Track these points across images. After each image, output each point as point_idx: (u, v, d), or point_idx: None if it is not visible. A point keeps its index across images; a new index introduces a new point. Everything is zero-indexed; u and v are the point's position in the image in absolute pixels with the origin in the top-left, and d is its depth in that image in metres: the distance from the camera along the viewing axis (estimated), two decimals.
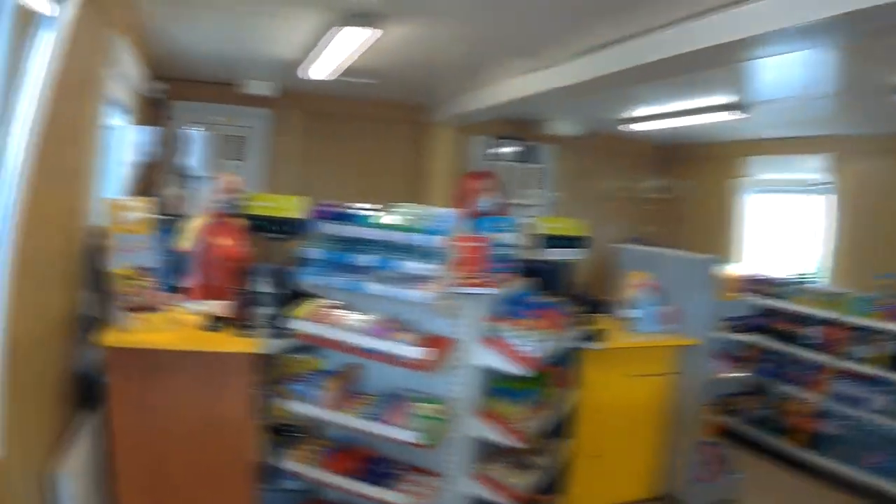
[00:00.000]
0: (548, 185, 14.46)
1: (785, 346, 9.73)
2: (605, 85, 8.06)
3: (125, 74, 7.37)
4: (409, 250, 5.18)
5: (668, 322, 7.53)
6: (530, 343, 5.20)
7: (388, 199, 5.71)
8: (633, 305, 7.64)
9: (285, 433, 5.86)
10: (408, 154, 13.48)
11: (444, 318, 5.25)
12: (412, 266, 5.07)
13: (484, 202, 7.24)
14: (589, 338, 6.62)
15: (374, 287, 5.21)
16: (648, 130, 12.55)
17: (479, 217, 6.38)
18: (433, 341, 5.10)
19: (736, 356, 8.32)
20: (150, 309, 5.78)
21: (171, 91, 11.25)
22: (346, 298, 5.54)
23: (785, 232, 12.38)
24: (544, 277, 6.39)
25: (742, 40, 5.67)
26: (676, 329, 7.54)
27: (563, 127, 13.46)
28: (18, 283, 3.99)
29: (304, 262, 5.61)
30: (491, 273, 5.31)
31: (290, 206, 5.92)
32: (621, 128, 12.71)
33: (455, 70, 9.86)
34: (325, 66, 9.00)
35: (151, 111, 10.61)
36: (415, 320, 5.32)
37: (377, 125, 13.22)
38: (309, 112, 12.71)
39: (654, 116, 11.54)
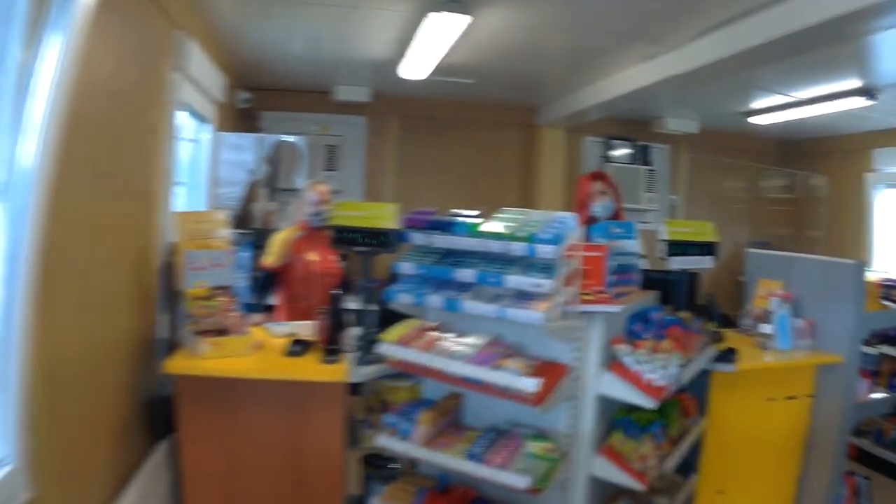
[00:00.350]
0: (663, 188, 13.73)
1: None
2: (725, 69, 7.53)
3: (199, 79, 7.05)
4: (516, 262, 4.52)
5: (804, 337, 6.81)
6: (659, 369, 4.52)
7: (494, 210, 5.07)
8: (764, 318, 6.91)
9: (379, 467, 5.39)
10: (515, 159, 13.04)
11: (559, 342, 4.60)
12: (520, 281, 4.38)
13: (599, 206, 6.82)
14: (722, 358, 5.91)
15: (476, 306, 4.54)
16: (770, 124, 11.62)
17: (594, 223, 5.97)
18: (546, 369, 4.45)
19: (870, 371, 7.68)
20: (225, 332, 5.35)
21: (260, 101, 11.23)
22: (444, 319, 4.95)
23: None
24: (668, 290, 5.78)
25: (870, 7, 5.17)
26: (813, 345, 6.79)
27: (679, 124, 12.58)
28: (55, 304, 3.66)
29: (397, 277, 5.01)
30: (611, 287, 4.76)
31: (381, 215, 5.21)
32: (741, 121, 11.78)
33: (561, 64, 9.33)
34: (417, 62, 8.57)
35: (239, 122, 10.51)
36: (524, 344, 4.73)
37: (481, 129, 12.84)
38: (406, 117, 12.51)
39: (776, 108, 10.68)
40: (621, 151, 13.46)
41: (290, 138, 10.50)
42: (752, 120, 11.62)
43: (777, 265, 7.44)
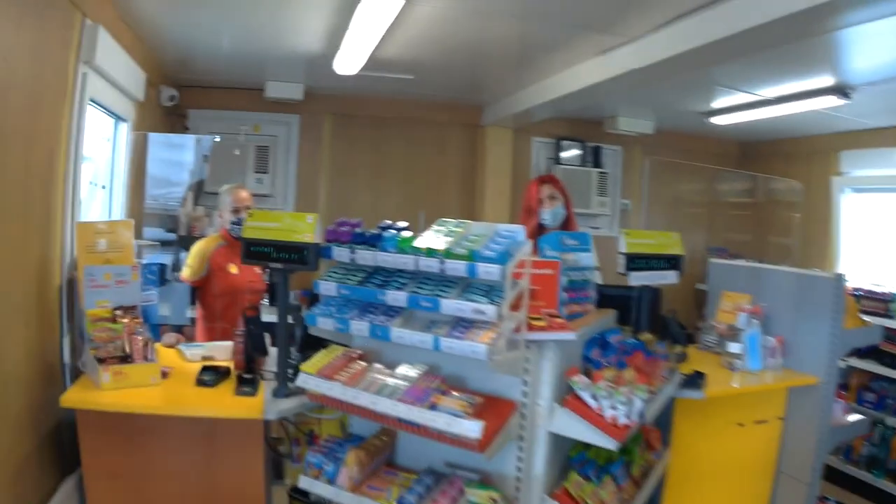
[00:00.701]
0: (615, 192, 13.09)
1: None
2: (689, 63, 6.90)
3: (112, 73, 6.50)
4: (454, 283, 3.96)
5: (775, 356, 6.40)
6: (621, 405, 3.96)
7: (436, 215, 4.52)
8: (730, 335, 6.49)
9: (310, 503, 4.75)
10: (458, 161, 12.43)
11: (506, 375, 3.98)
12: (459, 306, 3.80)
13: (549, 213, 6.41)
14: (689, 384, 5.36)
15: (408, 335, 3.95)
16: (731, 124, 11.00)
17: (543, 232, 5.71)
18: (490, 407, 3.88)
19: (838, 384, 7.03)
20: (129, 358, 4.80)
21: (188, 98, 10.70)
22: (371, 347, 4.37)
23: (890, 236, 10.90)
24: (627, 308, 5.26)
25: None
26: (783, 364, 6.41)
27: (632, 124, 11.84)
28: None
29: (317, 298, 4.46)
30: (564, 305, 4.36)
31: (297, 227, 4.56)
32: (700, 122, 11.21)
33: (507, 57, 8.72)
34: (351, 55, 8.00)
35: (165, 121, 10.31)
36: (464, 376, 4.15)
37: (422, 129, 12.21)
38: (341, 116, 11.81)
39: (739, 107, 10.09)
40: (571, 153, 12.82)
41: (216, 138, 10.26)
42: (714, 120, 10.99)
43: (744, 276, 7.07)
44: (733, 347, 6.28)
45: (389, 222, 4.36)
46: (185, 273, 6.28)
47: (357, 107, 11.75)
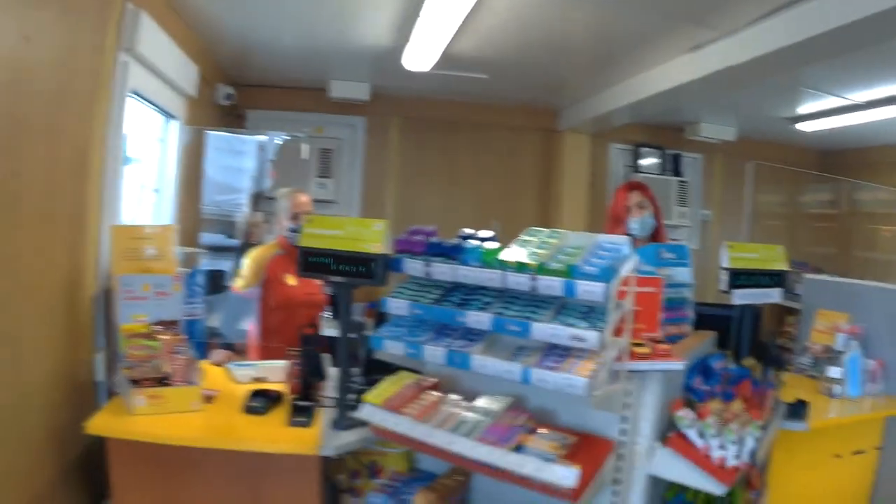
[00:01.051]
0: (695, 201, 12.79)
1: None
2: (782, 63, 6.46)
3: (158, 65, 6.16)
4: (547, 304, 3.46)
5: (875, 380, 5.94)
6: (731, 444, 3.48)
7: (509, 224, 4.04)
8: (827, 357, 6.05)
9: None
10: (534, 168, 12.05)
11: (604, 411, 3.50)
12: (554, 331, 3.29)
13: (637, 222, 5.83)
14: (793, 414, 4.85)
15: (492, 363, 3.43)
16: (818, 131, 10.58)
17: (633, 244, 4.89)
18: (584, 447, 3.40)
19: None
20: (167, 380, 4.28)
21: (246, 98, 10.47)
22: (447, 373, 3.90)
23: None
24: (725, 330, 4.71)
25: None
26: (884, 390, 5.93)
27: (714, 131, 11.62)
28: None
29: (385, 318, 3.98)
30: (662, 330, 3.93)
31: (364, 235, 3.97)
32: (785, 128, 10.79)
33: (587, 55, 8.25)
34: (421, 49, 7.63)
35: (221, 121, 9.96)
36: (553, 410, 3.68)
37: (495, 133, 11.83)
38: (410, 119, 11.59)
39: (827, 112, 9.61)
40: (650, 160, 12.49)
41: (282, 138, 9.79)
42: (799, 126, 10.56)
43: (839, 294, 6.65)
44: (833, 372, 5.80)
45: (471, 231, 3.92)
46: (239, 284, 5.80)
47: (426, 109, 11.36)
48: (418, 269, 3.79)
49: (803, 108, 9.89)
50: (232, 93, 9.68)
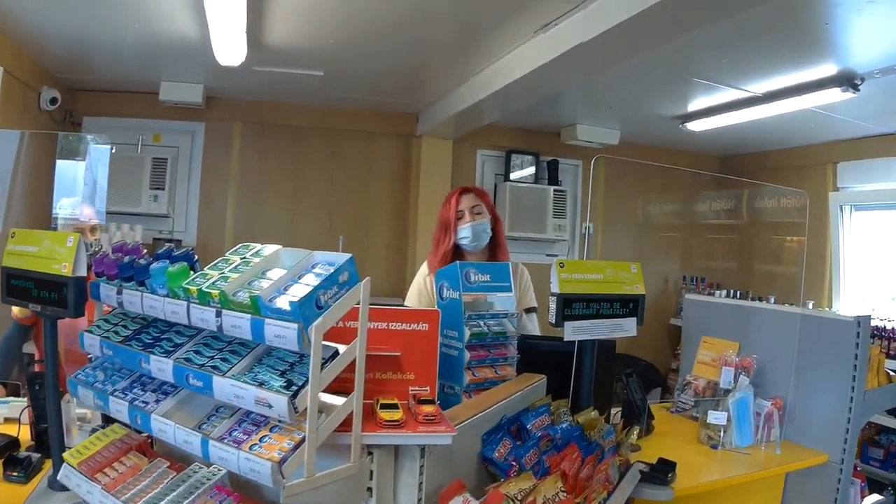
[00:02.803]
0: (575, 213, 12.09)
1: None
2: (646, 33, 5.70)
3: None
4: (245, 348, 2.57)
5: (770, 424, 4.88)
6: None
7: (361, 240, 3.20)
8: (709, 395, 5.23)
9: None
10: (390, 177, 11.33)
11: None
12: (238, 389, 2.35)
13: (467, 230, 5.11)
14: (653, 477, 3.80)
15: (172, 430, 2.55)
16: (710, 131, 9.97)
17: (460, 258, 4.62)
18: None
19: None
20: None
21: (83, 104, 9.92)
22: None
23: None
24: (565, 371, 3.76)
25: None
26: (781, 435, 4.85)
27: (594, 133, 10.88)
28: None
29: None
30: (472, 374, 3.43)
31: (59, 254, 3.12)
32: (674, 129, 10.20)
33: (438, 48, 7.65)
34: (224, 38, 6.96)
35: (50, 128, 9.04)
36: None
37: (347, 140, 11.10)
38: (252, 124, 10.85)
39: (721, 107, 9.02)
40: (523, 169, 11.69)
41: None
42: (690, 126, 9.93)
43: (729, 316, 5.77)
44: (715, 417, 4.77)
45: (171, 246, 2.93)
46: (16, 310, 5.14)
47: (270, 114, 10.73)
48: (111, 297, 2.98)
49: (693, 105, 9.27)
50: (56, 97, 8.91)
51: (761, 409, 4.87)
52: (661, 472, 3.81)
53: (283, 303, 2.21)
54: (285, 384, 2.23)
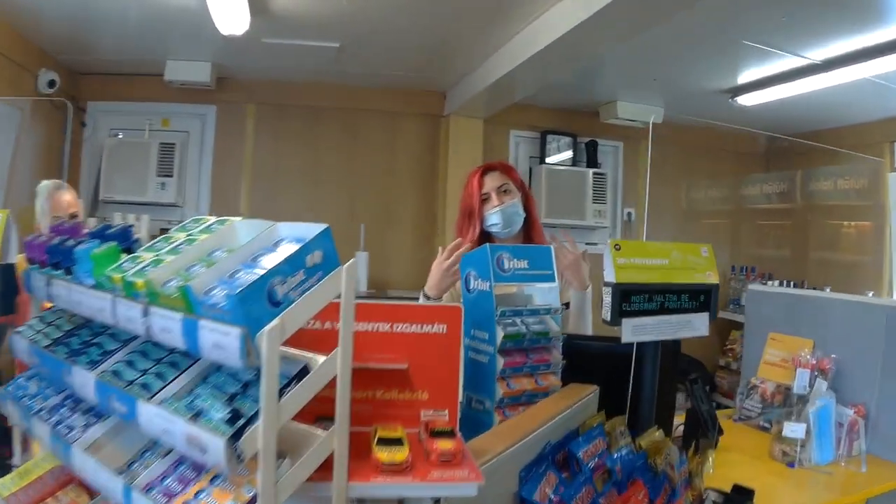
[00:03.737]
0: (615, 198, 11.55)
1: None
2: None
3: None
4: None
5: (852, 436, 4.27)
6: None
7: (385, 228, 4.19)
8: (779, 401, 4.67)
9: None
10: (416, 161, 10.86)
11: None
12: (165, 422, 1.70)
13: (496, 215, 4.38)
14: None
15: (94, 468, 2.01)
16: (761, 106, 9.36)
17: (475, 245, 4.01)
18: None
19: None
20: None
21: (86, 88, 9.69)
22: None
23: None
24: (621, 378, 3.02)
25: None
26: (862, 451, 4.22)
27: (636, 112, 10.32)
28: None
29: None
30: (506, 385, 2.73)
31: None
32: (723, 103, 9.59)
33: (468, 7, 7.04)
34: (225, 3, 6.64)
35: (51, 115, 9.04)
36: None
37: (369, 121, 10.69)
38: (267, 105, 10.43)
39: (774, 79, 8.42)
40: (560, 151, 11.06)
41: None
42: (741, 100, 9.26)
43: (797, 309, 5.09)
44: (793, 430, 4.10)
45: (107, 221, 2.37)
46: None
47: (285, 94, 10.32)
48: (41, 288, 2.49)
49: (745, 76, 8.74)
50: (55, 79, 8.67)
51: (843, 419, 4.24)
52: (740, 498, 3.16)
53: (220, 297, 1.54)
54: (229, 416, 1.56)
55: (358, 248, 9.54)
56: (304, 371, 1.65)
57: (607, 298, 2.77)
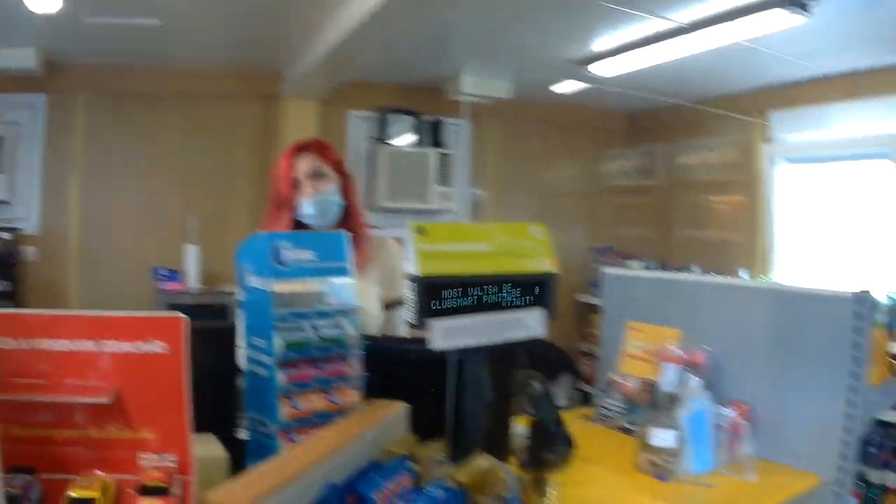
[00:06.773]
0: (463, 179, 11.40)
1: None
2: None
3: None
4: None
5: (733, 439, 3.75)
6: None
7: (219, 220, 5.23)
8: (642, 401, 4.14)
9: None
10: (251, 146, 10.76)
11: None
12: None
13: (312, 205, 3.98)
14: None
15: None
16: (620, 78, 9.08)
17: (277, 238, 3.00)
18: None
19: None
20: None
21: None
22: None
23: (843, 222, 9.14)
24: (439, 388, 2.54)
25: None
26: (749, 457, 3.70)
27: (482, 86, 10.14)
28: None
29: None
30: (290, 405, 2.30)
31: None
32: (577, 74, 9.33)
33: None
34: None
35: None
36: None
37: (205, 106, 10.53)
38: (100, 94, 10.08)
39: (633, 44, 8.00)
40: (402, 131, 10.96)
41: None
42: (593, 68, 8.90)
43: (661, 295, 4.61)
44: (661, 439, 3.60)
45: None
46: None
47: (120, 81, 9.98)
48: None
49: (600, 43, 8.33)
50: None
51: (722, 421, 3.75)
52: None
53: None
54: None
55: (189, 242, 9.33)
56: None
57: (411, 295, 2.26)
